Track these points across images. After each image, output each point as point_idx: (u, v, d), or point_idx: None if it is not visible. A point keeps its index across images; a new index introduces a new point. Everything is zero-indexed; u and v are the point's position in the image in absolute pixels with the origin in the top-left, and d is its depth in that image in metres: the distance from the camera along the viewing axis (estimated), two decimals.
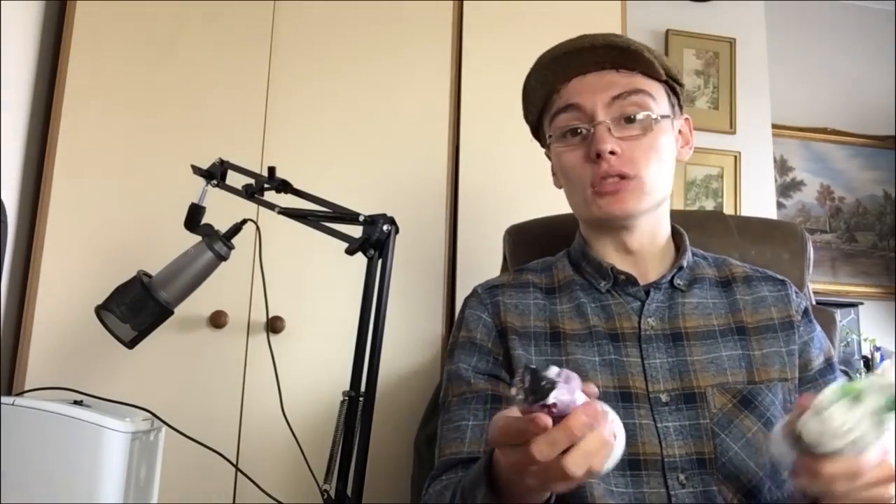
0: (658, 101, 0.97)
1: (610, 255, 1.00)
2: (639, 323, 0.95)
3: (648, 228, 0.99)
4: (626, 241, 0.98)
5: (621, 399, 0.90)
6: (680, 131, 1.03)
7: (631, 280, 0.97)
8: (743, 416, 0.89)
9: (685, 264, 0.99)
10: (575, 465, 0.60)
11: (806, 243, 1.26)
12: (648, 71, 0.96)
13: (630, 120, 0.94)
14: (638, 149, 0.94)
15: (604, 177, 0.93)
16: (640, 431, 0.88)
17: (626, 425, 0.87)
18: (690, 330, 0.95)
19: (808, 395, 0.73)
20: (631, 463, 0.87)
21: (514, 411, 0.64)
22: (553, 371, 0.61)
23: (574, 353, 0.93)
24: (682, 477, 0.87)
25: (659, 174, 0.96)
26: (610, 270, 0.97)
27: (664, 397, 0.90)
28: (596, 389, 0.64)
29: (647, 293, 0.97)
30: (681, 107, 1.02)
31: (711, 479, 0.87)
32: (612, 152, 0.92)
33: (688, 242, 1.02)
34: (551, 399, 0.58)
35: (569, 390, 0.60)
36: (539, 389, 0.59)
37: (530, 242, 1.25)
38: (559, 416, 0.59)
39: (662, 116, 0.96)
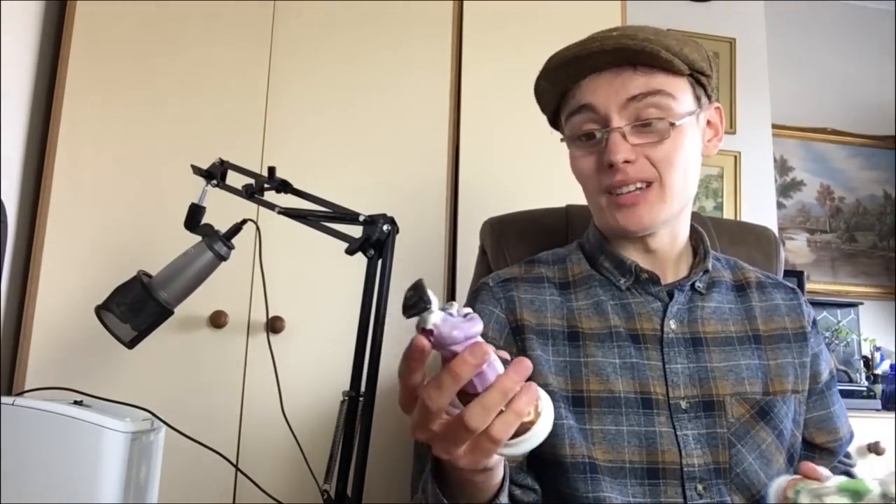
0: (680, 98, 0.90)
1: (628, 252, 0.96)
2: (661, 325, 0.92)
3: (670, 231, 0.96)
4: (647, 241, 0.95)
5: (642, 405, 0.88)
6: (709, 122, 0.97)
7: (653, 279, 0.94)
8: (759, 428, 0.89)
9: (710, 267, 0.97)
10: (472, 418, 0.52)
11: (778, 246, 1.26)
12: (669, 67, 0.89)
13: (647, 125, 0.89)
14: (658, 152, 0.89)
15: (620, 185, 0.89)
16: (660, 439, 0.86)
17: (645, 433, 0.86)
18: (709, 335, 0.93)
19: (809, 465, 0.73)
20: (649, 471, 0.85)
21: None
22: (455, 307, 0.53)
23: (594, 355, 0.90)
24: (700, 487, 0.86)
25: (681, 178, 0.91)
26: (633, 268, 0.94)
27: (683, 404, 0.89)
28: (507, 355, 0.57)
29: (670, 294, 0.94)
30: (709, 96, 0.95)
31: (726, 489, 0.86)
32: (626, 161, 0.88)
33: (709, 244, 0.99)
34: (429, 324, 0.49)
35: (462, 329, 0.50)
36: (415, 305, 0.49)
37: (515, 235, 1.23)
38: (450, 356, 0.51)
39: (687, 113, 0.90)
